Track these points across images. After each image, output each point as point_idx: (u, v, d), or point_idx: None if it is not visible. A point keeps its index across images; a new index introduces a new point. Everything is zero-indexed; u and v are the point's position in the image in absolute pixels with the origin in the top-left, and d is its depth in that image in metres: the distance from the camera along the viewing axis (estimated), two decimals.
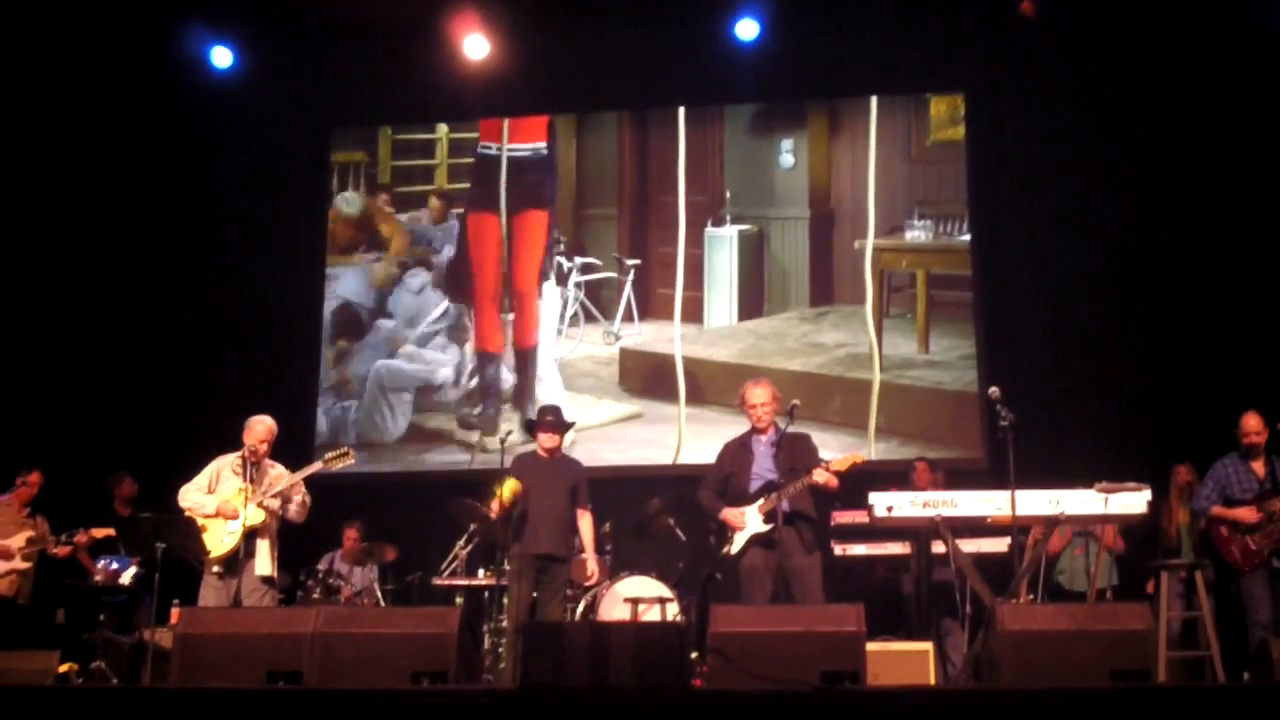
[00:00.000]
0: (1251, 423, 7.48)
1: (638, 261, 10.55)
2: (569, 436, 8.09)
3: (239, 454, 7.29)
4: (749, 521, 6.84)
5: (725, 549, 6.95)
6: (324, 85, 10.80)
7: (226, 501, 7.10)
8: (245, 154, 10.83)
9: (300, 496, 7.28)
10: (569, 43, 10.24)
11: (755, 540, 6.82)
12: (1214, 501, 7.55)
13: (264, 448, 7.27)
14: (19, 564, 8.36)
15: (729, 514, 6.93)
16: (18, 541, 8.35)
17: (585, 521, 7.71)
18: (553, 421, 7.74)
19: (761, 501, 6.83)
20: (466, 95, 10.41)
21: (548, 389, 10.29)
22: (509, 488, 7.41)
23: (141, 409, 10.24)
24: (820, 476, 6.77)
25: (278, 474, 7.30)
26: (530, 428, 7.93)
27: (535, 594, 7.49)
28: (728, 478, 7.08)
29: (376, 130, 11.08)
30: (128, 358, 10.44)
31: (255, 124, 10.76)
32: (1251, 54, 9.32)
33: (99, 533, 8.41)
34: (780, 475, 6.81)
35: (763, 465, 6.96)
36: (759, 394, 7.11)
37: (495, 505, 7.55)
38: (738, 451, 7.12)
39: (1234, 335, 9.11)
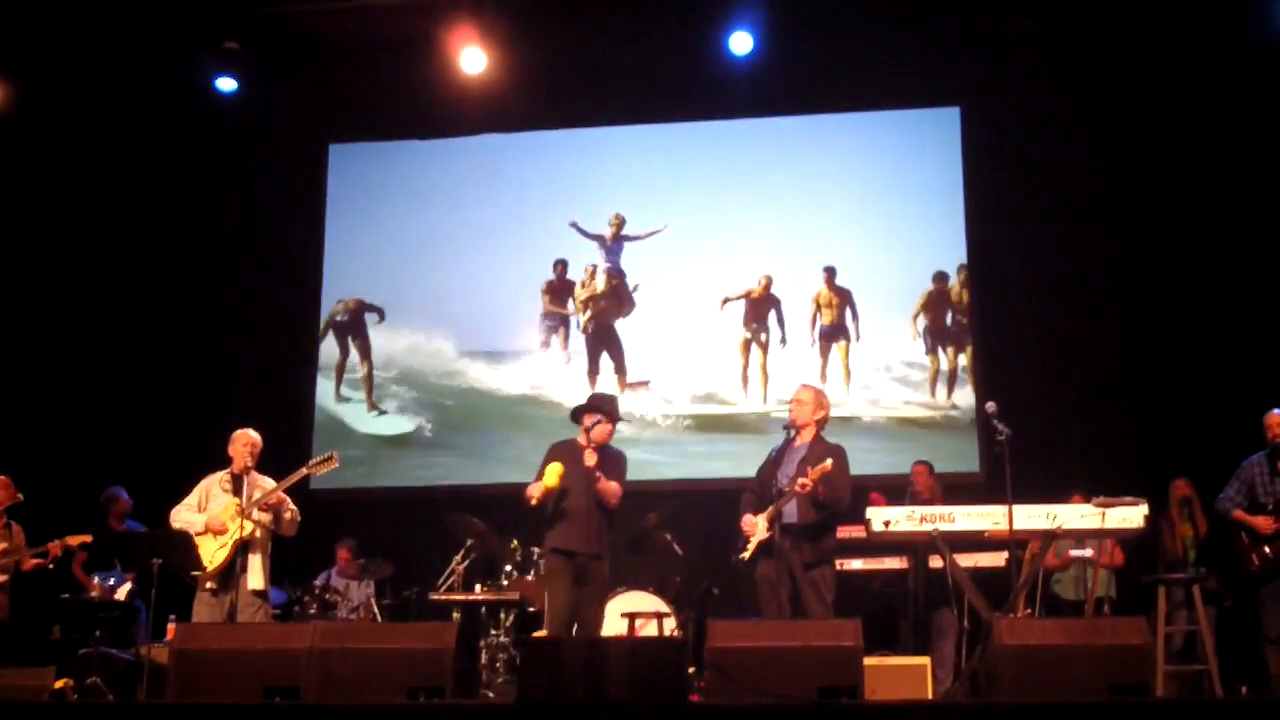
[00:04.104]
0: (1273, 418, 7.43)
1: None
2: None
3: (227, 470, 7.32)
4: (758, 528, 6.64)
5: (739, 555, 6.74)
6: (321, 101, 10.80)
7: (214, 517, 7.12)
8: (244, 170, 10.83)
9: (289, 514, 7.27)
10: (564, 58, 10.24)
11: (763, 548, 6.63)
12: (1237, 504, 7.46)
13: (250, 460, 7.28)
14: None
15: (744, 520, 6.75)
16: None
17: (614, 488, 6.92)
18: (606, 409, 7.08)
19: (770, 508, 6.66)
20: (462, 111, 10.39)
21: None
22: (556, 472, 6.75)
23: (138, 423, 10.23)
24: (796, 487, 6.56)
25: (266, 485, 7.29)
26: (578, 414, 7.13)
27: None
28: (765, 481, 6.87)
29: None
30: (125, 371, 10.44)
31: (252, 140, 10.76)
32: (1248, 68, 9.33)
33: (73, 540, 8.20)
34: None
35: (785, 471, 6.76)
36: (796, 392, 7.01)
37: (538, 490, 6.78)
38: (773, 455, 6.95)
39: (1229, 349, 9.12)
